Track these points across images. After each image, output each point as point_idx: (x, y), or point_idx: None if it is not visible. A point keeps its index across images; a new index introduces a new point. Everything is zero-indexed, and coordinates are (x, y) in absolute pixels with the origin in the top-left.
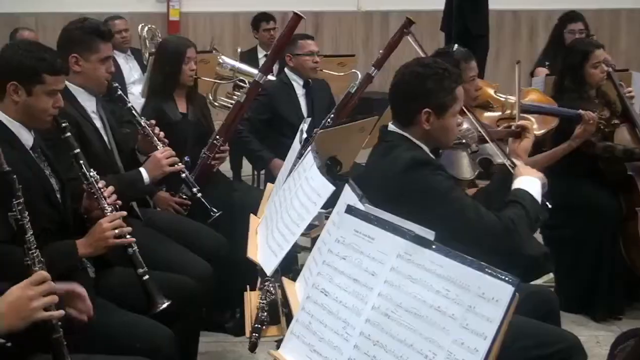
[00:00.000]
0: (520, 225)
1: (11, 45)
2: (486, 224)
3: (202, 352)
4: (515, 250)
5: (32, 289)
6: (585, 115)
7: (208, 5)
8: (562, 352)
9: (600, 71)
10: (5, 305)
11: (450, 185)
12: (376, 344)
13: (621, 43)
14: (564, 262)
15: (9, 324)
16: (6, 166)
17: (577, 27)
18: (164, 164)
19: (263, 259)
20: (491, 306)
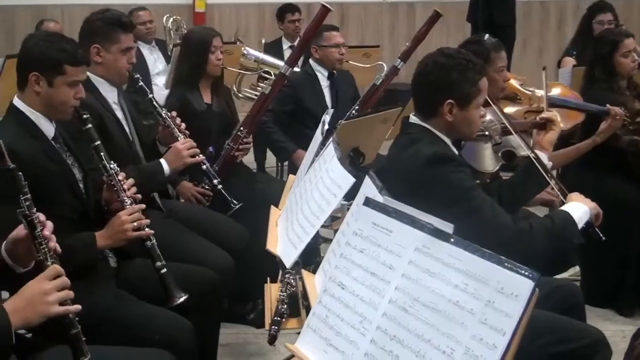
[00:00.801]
0: (537, 234)
1: (33, 36)
2: (500, 223)
3: (223, 344)
4: (527, 255)
5: (47, 283)
6: (612, 111)
7: None
8: (586, 348)
9: (631, 60)
10: (21, 300)
11: (471, 184)
12: (393, 338)
13: None
14: (590, 255)
15: (25, 318)
16: (10, 163)
17: (606, 17)
18: (185, 155)
19: (282, 251)
20: (510, 301)
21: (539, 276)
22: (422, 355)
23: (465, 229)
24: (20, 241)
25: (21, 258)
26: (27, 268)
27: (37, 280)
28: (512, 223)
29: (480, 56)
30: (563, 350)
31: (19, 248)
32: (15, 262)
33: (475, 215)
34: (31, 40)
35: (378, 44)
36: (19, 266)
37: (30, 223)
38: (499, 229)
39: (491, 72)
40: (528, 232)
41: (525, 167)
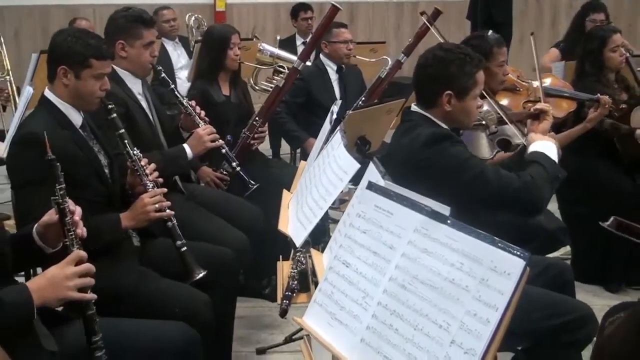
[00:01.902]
0: (539, 180)
1: (61, 32)
2: (506, 181)
3: (240, 316)
4: (536, 204)
5: (69, 268)
6: (602, 100)
7: None
8: (576, 321)
9: (619, 54)
10: (44, 280)
11: (469, 154)
12: (393, 313)
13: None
14: (580, 236)
15: (44, 298)
16: (51, 154)
17: (599, 17)
18: (206, 139)
19: (293, 231)
20: (503, 279)
21: (530, 255)
22: (420, 329)
23: (473, 196)
24: (51, 226)
25: (50, 240)
26: (55, 249)
27: (61, 264)
28: (517, 177)
29: (483, 51)
30: (555, 323)
31: (49, 232)
32: (45, 243)
33: (480, 180)
34: (60, 36)
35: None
36: (48, 247)
37: (62, 211)
38: (506, 184)
39: (493, 66)
40: (532, 182)
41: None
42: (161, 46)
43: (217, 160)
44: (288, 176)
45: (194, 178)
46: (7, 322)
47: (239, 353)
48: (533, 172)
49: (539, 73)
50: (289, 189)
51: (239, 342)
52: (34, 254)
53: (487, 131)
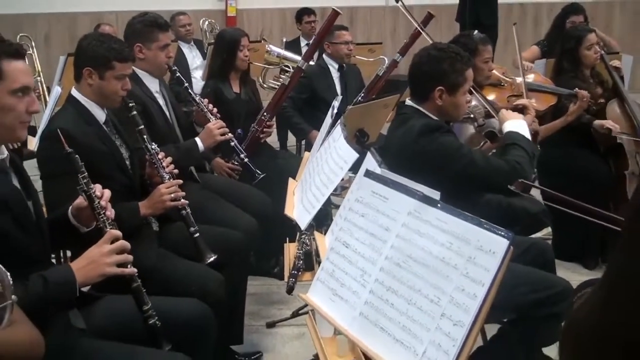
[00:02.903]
0: (524, 164)
1: (86, 37)
2: (495, 167)
3: (251, 293)
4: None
5: (106, 246)
6: (579, 94)
7: (260, 3)
8: (556, 295)
9: (594, 52)
10: (84, 260)
11: (460, 143)
12: (389, 289)
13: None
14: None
15: (86, 276)
16: (67, 147)
17: (578, 19)
18: (216, 133)
19: (298, 215)
20: (489, 257)
21: (514, 235)
22: (413, 303)
23: (466, 181)
24: (82, 209)
25: (84, 221)
26: (89, 228)
27: (97, 244)
28: (505, 163)
29: (469, 48)
30: (538, 297)
31: (81, 214)
32: (79, 223)
33: (471, 167)
34: (85, 40)
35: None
36: (83, 226)
37: (89, 197)
38: (497, 170)
39: (478, 62)
40: (519, 166)
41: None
42: (178, 49)
43: (229, 152)
44: (294, 166)
45: (208, 169)
46: (52, 300)
47: (251, 327)
48: (517, 157)
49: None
50: (294, 178)
51: (250, 316)
52: (70, 233)
53: (475, 124)
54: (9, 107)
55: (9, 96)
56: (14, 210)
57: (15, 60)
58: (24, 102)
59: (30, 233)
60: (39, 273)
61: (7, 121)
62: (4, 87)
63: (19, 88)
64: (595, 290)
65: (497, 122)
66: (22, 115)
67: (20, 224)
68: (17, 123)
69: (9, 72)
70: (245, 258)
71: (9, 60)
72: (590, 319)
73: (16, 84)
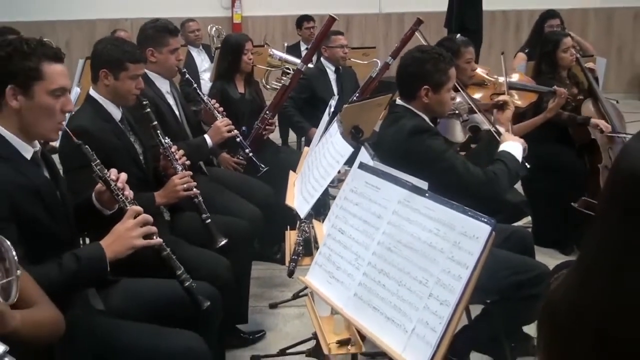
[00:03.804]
0: (501, 178)
1: (101, 41)
2: (472, 175)
3: (255, 277)
4: (496, 197)
5: (130, 221)
6: (558, 91)
7: (263, 10)
8: (535, 278)
9: (570, 54)
10: (112, 237)
11: (445, 147)
12: (381, 271)
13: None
14: (540, 208)
15: (115, 251)
16: (76, 140)
17: (555, 22)
18: (223, 130)
19: (298, 205)
20: (472, 242)
21: (496, 222)
22: (403, 284)
23: (444, 183)
24: (102, 193)
25: (106, 204)
26: (112, 211)
27: (122, 221)
28: (483, 173)
29: (452, 50)
30: (518, 279)
31: (103, 197)
32: (103, 206)
33: (451, 171)
34: (101, 44)
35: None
36: (106, 209)
37: (105, 181)
38: (473, 179)
39: (461, 63)
40: (495, 178)
41: (488, 139)
42: (187, 52)
43: (234, 147)
44: (294, 160)
45: (215, 163)
46: (85, 276)
47: (255, 307)
48: (497, 170)
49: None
50: (295, 171)
51: (255, 298)
52: (95, 217)
53: (460, 119)
54: (46, 106)
55: (47, 96)
56: (45, 199)
57: (54, 63)
58: (60, 102)
59: (59, 219)
60: (71, 252)
61: (43, 120)
62: (43, 87)
63: (56, 89)
64: (570, 272)
65: (480, 117)
66: (58, 115)
67: (50, 211)
68: (52, 122)
69: (48, 74)
70: (249, 244)
71: (49, 62)
72: (565, 300)
73: (54, 85)
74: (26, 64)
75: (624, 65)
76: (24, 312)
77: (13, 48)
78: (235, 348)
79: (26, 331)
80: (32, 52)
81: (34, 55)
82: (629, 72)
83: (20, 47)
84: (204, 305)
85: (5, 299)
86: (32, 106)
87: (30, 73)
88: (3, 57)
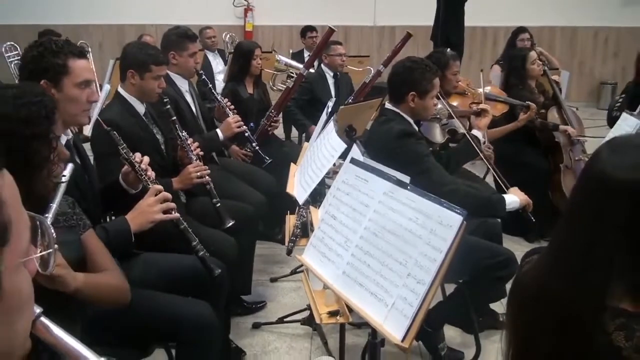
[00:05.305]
0: (462, 195)
1: (129, 45)
2: (444, 181)
3: (258, 254)
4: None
5: (151, 198)
6: (531, 106)
7: (272, 20)
8: (502, 262)
9: (537, 65)
10: (135, 212)
11: (427, 152)
12: (366, 253)
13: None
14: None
15: (139, 224)
16: (105, 126)
17: (525, 36)
18: (233, 126)
19: (297, 193)
20: (446, 230)
21: (467, 213)
22: (386, 264)
23: (421, 181)
24: (127, 174)
25: (131, 184)
26: (137, 190)
27: (144, 198)
28: (448, 184)
29: (442, 62)
30: (487, 263)
31: (128, 178)
32: (128, 186)
33: (426, 174)
34: (129, 48)
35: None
36: (131, 189)
37: (130, 163)
38: (439, 186)
39: (448, 74)
40: (455, 192)
41: (464, 142)
42: (204, 56)
43: (243, 141)
44: (295, 153)
45: (226, 154)
46: (113, 246)
47: (258, 281)
48: (470, 190)
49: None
50: (295, 163)
51: (258, 273)
52: (122, 196)
53: (440, 122)
54: (74, 97)
55: (73, 88)
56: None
57: (79, 59)
58: (86, 93)
59: (88, 199)
60: (100, 225)
61: (72, 109)
62: (69, 80)
63: (82, 81)
64: (540, 258)
65: (457, 122)
66: (84, 104)
67: (81, 192)
68: (80, 111)
69: (74, 68)
70: (254, 226)
71: (74, 58)
72: (534, 283)
73: (79, 78)
74: (55, 60)
75: (585, 77)
76: (89, 276)
77: (44, 48)
78: (239, 316)
79: (89, 292)
80: (60, 50)
81: (61, 53)
82: (588, 84)
83: (50, 46)
84: (216, 272)
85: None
86: (62, 98)
87: (59, 68)
88: (36, 55)
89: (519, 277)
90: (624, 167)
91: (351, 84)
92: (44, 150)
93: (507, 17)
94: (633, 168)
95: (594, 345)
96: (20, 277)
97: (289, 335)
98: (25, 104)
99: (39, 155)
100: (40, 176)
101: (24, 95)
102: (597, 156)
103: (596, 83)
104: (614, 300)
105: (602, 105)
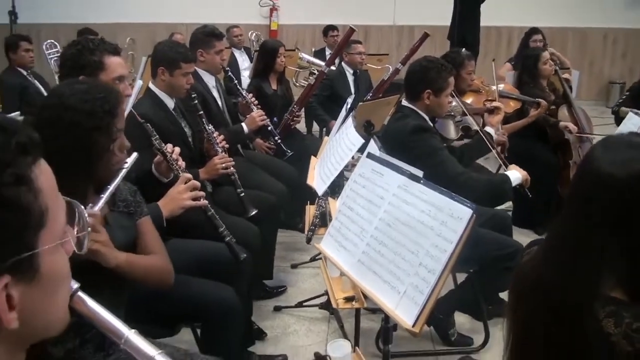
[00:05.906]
0: (480, 181)
1: (160, 43)
2: (457, 172)
3: (280, 242)
4: (470, 195)
5: (181, 186)
6: (542, 103)
7: (296, 19)
8: (511, 254)
9: (549, 65)
10: (167, 198)
11: (441, 146)
12: (381, 243)
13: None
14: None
15: (170, 210)
16: (140, 119)
17: (537, 37)
18: (257, 120)
19: (317, 185)
20: (457, 222)
21: (477, 206)
22: (399, 254)
23: (435, 176)
24: (159, 164)
25: (163, 173)
26: (168, 179)
27: (175, 186)
28: (462, 174)
29: (457, 62)
30: (497, 254)
31: (160, 168)
32: (161, 174)
33: (441, 167)
34: (159, 46)
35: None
36: (163, 177)
37: (162, 153)
38: (455, 176)
39: (463, 73)
40: (473, 179)
41: (476, 139)
42: (231, 54)
43: (266, 135)
44: (316, 146)
45: (251, 146)
46: None
47: (279, 267)
48: (479, 177)
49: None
50: (316, 156)
51: (279, 259)
52: (155, 184)
53: (454, 120)
54: None
55: None
56: None
57: (113, 56)
58: (120, 87)
59: None
60: None
61: None
62: (105, 76)
63: (116, 77)
64: (539, 249)
65: (470, 119)
66: None
67: None
68: None
69: (109, 65)
70: (276, 215)
71: (109, 56)
72: (532, 273)
73: (115, 74)
74: (92, 58)
75: (594, 77)
76: (131, 256)
77: (82, 46)
78: (261, 299)
79: (130, 271)
80: (96, 48)
81: (97, 51)
82: (598, 83)
83: (87, 44)
84: (242, 257)
85: (79, 249)
86: None
87: (95, 65)
88: (74, 53)
89: (519, 267)
90: (615, 164)
91: (370, 81)
92: (103, 141)
93: (521, 18)
94: (623, 164)
95: (585, 332)
96: (57, 256)
97: (307, 318)
98: (90, 99)
99: (98, 145)
100: (101, 164)
101: (91, 91)
102: (592, 153)
103: (605, 82)
104: (606, 289)
105: (611, 104)
